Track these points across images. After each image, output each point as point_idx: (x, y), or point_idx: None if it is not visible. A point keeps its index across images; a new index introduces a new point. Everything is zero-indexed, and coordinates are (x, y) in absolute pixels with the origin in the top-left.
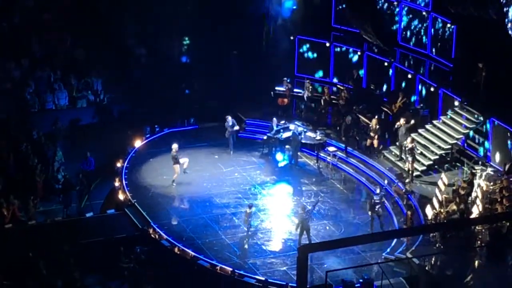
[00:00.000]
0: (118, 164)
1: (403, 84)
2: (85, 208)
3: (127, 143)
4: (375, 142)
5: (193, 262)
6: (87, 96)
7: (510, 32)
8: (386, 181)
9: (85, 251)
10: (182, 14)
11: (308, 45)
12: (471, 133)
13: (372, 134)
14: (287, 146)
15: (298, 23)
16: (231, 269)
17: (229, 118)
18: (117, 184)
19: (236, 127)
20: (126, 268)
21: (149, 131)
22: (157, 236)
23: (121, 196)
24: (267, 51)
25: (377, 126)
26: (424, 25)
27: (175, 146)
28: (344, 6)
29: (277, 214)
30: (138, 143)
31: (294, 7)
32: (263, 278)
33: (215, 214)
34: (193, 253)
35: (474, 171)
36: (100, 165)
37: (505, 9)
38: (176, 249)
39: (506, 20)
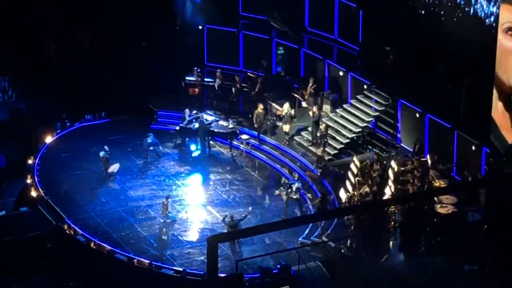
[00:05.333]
0: (30, 161)
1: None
2: None
3: (38, 140)
4: (287, 128)
5: (110, 256)
6: None
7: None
8: (296, 177)
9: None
10: (89, 5)
11: (217, 34)
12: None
13: (284, 119)
14: (199, 136)
15: (206, 12)
16: (148, 261)
17: (150, 136)
18: (29, 181)
19: (151, 147)
20: (41, 266)
21: (60, 126)
22: (72, 232)
23: (33, 193)
24: (176, 41)
25: (290, 111)
26: (330, 10)
27: (101, 154)
28: None
29: (193, 204)
30: (49, 139)
31: None
32: (181, 269)
33: (130, 207)
34: (109, 247)
35: (381, 152)
36: (11, 162)
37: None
38: (92, 244)
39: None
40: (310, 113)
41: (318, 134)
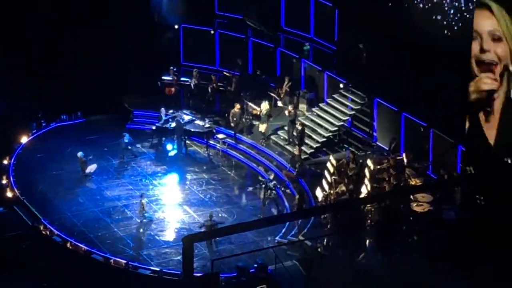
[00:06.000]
0: (5, 161)
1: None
2: None
3: (13, 140)
4: (264, 127)
5: (86, 257)
6: None
7: None
8: (272, 176)
9: None
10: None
11: (193, 33)
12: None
13: (261, 119)
14: (175, 136)
15: (182, 12)
16: (125, 261)
17: (126, 136)
18: (4, 181)
19: (129, 146)
20: (17, 267)
21: (35, 126)
22: (48, 232)
23: (9, 194)
24: (152, 41)
25: (267, 110)
26: (306, 9)
27: (79, 154)
28: None
29: (170, 204)
30: (24, 139)
31: None
32: (157, 269)
33: (107, 207)
34: (85, 248)
35: (357, 151)
36: None
37: None
38: (68, 244)
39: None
40: (286, 112)
41: (295, 133)
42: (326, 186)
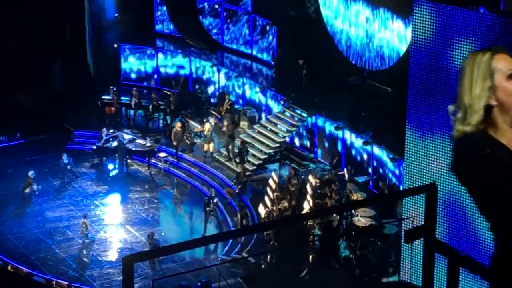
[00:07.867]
0: None
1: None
2: None
3: None
4: (210, 147)
5: (28, 279)
6: None
7: None
8: (213, 192)
9: None
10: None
11: (133, 52)
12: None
13: (206, 139)
14: (116, 155)
15: (121, 31)
16: (67, 283)
17: (64, 156)
18: None
19: (69, 167)
20: None
21: None
22: None
23: None
24: (91, 60)
25: (211, 130)
26: (246, 26)
27: (30, 173)
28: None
29: (112, 224)
30: None
31: (116, 15)
32: None
33: (48, 228)
34: (27, 270)
35: (298, 167)
36: None
37: None
38: (9, 267)
39: None
40: (224, 128)
41: (236, 150)
42: (268, 203)
